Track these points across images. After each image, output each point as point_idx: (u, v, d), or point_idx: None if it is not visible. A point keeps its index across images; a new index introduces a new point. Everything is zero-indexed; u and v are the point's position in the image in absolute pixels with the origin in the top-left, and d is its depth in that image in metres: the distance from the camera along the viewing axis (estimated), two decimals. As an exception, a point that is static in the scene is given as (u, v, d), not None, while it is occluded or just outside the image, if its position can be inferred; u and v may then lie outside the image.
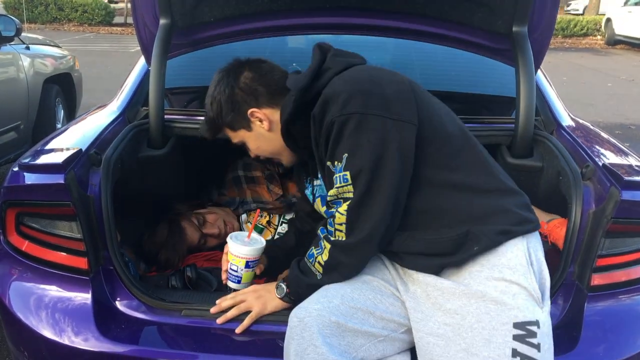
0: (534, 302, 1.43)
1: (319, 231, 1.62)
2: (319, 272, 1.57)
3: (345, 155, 1.44)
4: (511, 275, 1.43)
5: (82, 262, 1.75)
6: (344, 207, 1.48)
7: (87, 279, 1.74)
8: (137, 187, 1.96)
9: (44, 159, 1.88)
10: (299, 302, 1.56)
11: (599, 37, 17.80)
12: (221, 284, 1.88)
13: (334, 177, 1.49)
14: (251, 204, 2.47)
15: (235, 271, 1.75)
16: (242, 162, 2.61)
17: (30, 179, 1.79)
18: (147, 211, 2.32)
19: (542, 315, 1.44)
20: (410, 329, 1.54)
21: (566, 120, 2.34)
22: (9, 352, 1.88)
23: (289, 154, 1.75)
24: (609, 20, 16.75)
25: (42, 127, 4.51)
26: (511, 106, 2.30)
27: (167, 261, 2.16)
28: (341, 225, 1.49)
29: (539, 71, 2.47)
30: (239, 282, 1.76)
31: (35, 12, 18.10)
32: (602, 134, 2.36)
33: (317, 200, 1.78)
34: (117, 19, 18.89)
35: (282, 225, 2.45)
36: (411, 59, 2.94)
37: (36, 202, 1.77)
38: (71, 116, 5.20)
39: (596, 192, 1.77)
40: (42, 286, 1.77)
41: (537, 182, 2.16)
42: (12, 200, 1.80)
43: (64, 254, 1.77)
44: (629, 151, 2.13)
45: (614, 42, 16.37)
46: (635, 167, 1.90)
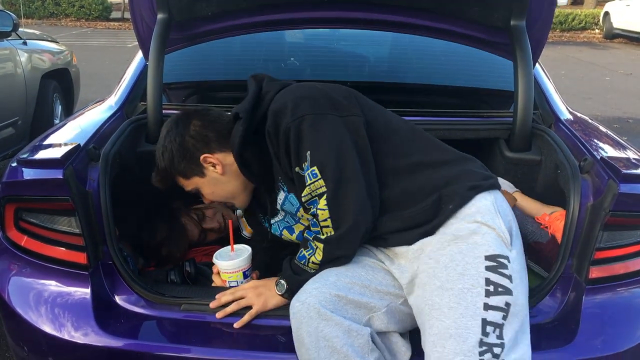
0: (502, 242, 1.52)
1: (305, 234, 1.65)
2: (313, 270, 1.60)
3: (308, 152, 1.53)
4: (480, 217, 1.53)
5: (81, 257, 1.75)
6: (322, 203, 1.54)
7: (86, 273, 1.74)
8: (135, 182, 1.96)
9: (42, 154, 1.88)
10: None
11: (597, 30, 17.78)
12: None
13: (304, 176, 1.56)
14: None
15: (236, 286, 1.75)
16: None
17: (28, 174, 1.79)
18: (146, 206, 2.32)
19: (511, 254, 1.52)
20: (407, 300, 1.60)
21: (564, 114, 2.34)
22: (9, 347, 1.89)
23: (243, 196, 1.81)
24: (607, 14, 16.73)
25: (40, 123, 4.50)
26: (510, 100, 2.30)
27: (169, 256, 2.16)
28: (326, 220, 1.55)
29: (537, 65, 2.47)
30: None
31: (32, 7, 18.04)
32: (601, 128, 2.36)
33: (284, 232, 1.85)
34: (115, 14, 18.81)
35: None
36: (409, 53, 2.94)
37: (35, 198, 1.77)
38: (69, 111, 5.19)
39: (594, 185, 1.77)
40: (41, 281, 1.77)
41: (535, 176, 2.17)
42: (10, 195, 1.80)
43: (63, 249, 1.77)
44: (627, 145, 2.13)
45: (612, 35, 16.35)
46: (633, 161, 1.90)
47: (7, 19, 4.13)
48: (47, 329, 1.67)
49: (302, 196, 1.59)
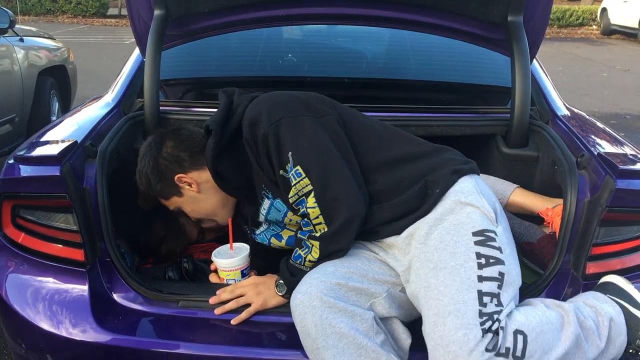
0: (487, 219, 1.56)
1: (299, 234, 1.65)
2: (310, 268, 1.61)
3: (289, 153, 1.56)
4: (464, 198, 1.57)
5: (78, 254, 1.75)
6: (311, 201, 1.55)
7: (84, 270, 1.74)
8: (132, 178, 1.96)
9: (39, 151, 1.87)
10: None
11: (594, 27, 17.79)
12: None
13: (288, 178, 1.58)
14: None
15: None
16: None
17: (25, 171, 1.78)
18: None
19: (497, 229, 1.56)
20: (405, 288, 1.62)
21: (562, 110, 2.35)
22: (7, 344, 1.89)
23: (224, 212, 1.86)
24: (604, 10, 16.73)
25: (37, 120, 4.50)
26: (507, 96, 2.30)
27: (169, 254, 2.16)
28: (318, 217, 1.56)
29: (535, 61, 2.48)
30: None
31: (28, 3, 17.99)
32: (598, 124, 2.37)
33: (272, 240, 1.88)
34: (112, 11, 18.78)
35: None
36: (406, 49, 2.94)
37: (32, 195, 1.77)
38: (66, 108, 5.18)
39: (591, 181, 1.78)
40: (38, 278, 1.76)
41: (532, 172, 2.17)
42: (7, 192, 1.79)
43: (61, 246, 1.76)
44: (624, 140, 2.13)
45: (610, 32, 16.36)
46: (630, 156, 1.90)
47: (4, 15, 4.12)
48: (45, 326, 1.67)
49: (289, 197, 1.60)
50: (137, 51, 2.53)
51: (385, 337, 1.54)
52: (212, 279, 1.83)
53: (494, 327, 1.40)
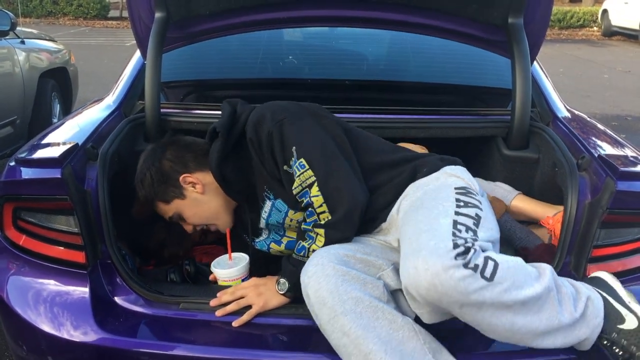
0: (470, 187, 1.66)
1: (303, 226, 1.68)
2: None
3: (294, 147, 1.64)
4: (450, 171, 1.72)
5: (79, 256, 1.75)
6: (314, 191, 1.62)
7: (85, 272, 1.74)
8: (133, 181, 1.96)
9: (40, 154, 1.88)
10: (299, 296, 1.59)
11: (595, 28, 17.78)
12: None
13: (292, 172, 1.65)
14: None
15: None
16: None
17: (27, 173, 1.79)
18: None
19: (479, 197, 1.63)
20: None
21: (562, 111, 2.35)
22: (8, 346, 1.89)
23: (225, 216, 1.88)
24: (605, 11, 16.73)
25: (38, 122, 4.50)
26: (507, 98, 2.31)
27: (171, 257, 2.16)
28: (322, 206, 1.62)
29: (535, 63, 2.48)
30: None
31: (30, 6, 18.01)
32: (598, 126, 2.37)
33: (272, 245, 1.91)
34: (113, 13, 18.79)
35: None
36: (407, 51, 2.94)
37: (33, 197, 1.77)
38: (67, 110, 5.19)
39: (592, 183, 1.78)
40: (39, 280, 1.77)
41: (533, 174, 2.18)
42: (9, 194, 1.79)
43: (62, 248, 1.77)
44: (624, 142, 2.13)
45: (611, 33, 16.35)
46: (630, 158, 1.90)
47: (5, 17, 4.13)
48: (46, 328, 1.67)
49: (293, 189, 1.65)
50: (138, 53, 2.53)
51: (395, 305, 1.55)
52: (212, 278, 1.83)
53: (465, 246, 1.38)
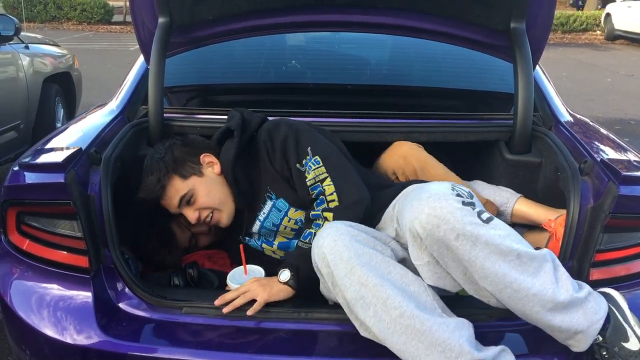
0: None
1: (312, 214, 1.79)
2: None
3: (309, 148, 1.82)
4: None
5: (83, 261, 1.75)
6: (327, 182, 1.78)
7: (88, 277, 1.75)
8: (136, 185, 1.97)
9: (44, 158, 1.88)
10: (302, 287, 1.67)
11: (598, 32, 17.77)
12: (222, 283, 1.89)
13: (307, 168, 1.80)
14: None
15: None
16: None
17: (30, 178, 1.80)
18: (147, 210, 2.32)
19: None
20: None
21: (564, 116, 2.35)
22: (11, 350, 1.89)
23: (231, 204, 1.96)
24: (608, 15, 16.72)
25: (42, 127, 4.51)
26: (510, 102, 2.31)
27: (166, 264, 2.15)
28: (332, 194, 1.76)
29: (537, 67, 2.48)
30: None
31: (34, 11, 18.07)
32: (601, 130, 2.37)
33: (264, 245, 1.99)
34: (116, 18, 18.84)
35: None
36: (409, 56, 2.94)
37: (37, 201, 1.78)
38: (71, 115, 5.20)
39: (594, 188, 1.78)
40: (43, 285, 1.77)
41: (535, 178, 2.17)
42: (12, 199, 1.80)
43: (65, 253, 1.77)
44: (627, 147, 2.13)
45: (614, 37, 16.33)
46: (633, 163, 1.90)
47: (9, 23, 4.14)
48: (49, 332, 1.67)
49: (307, 181, 1.80)
50: (141, 58, 2.54)
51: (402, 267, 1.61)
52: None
53: (464, 195, 1.52)
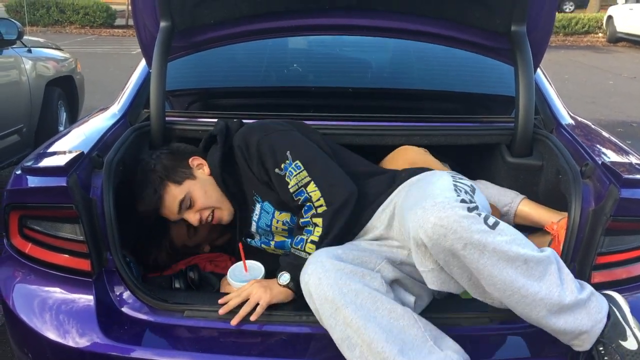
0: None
1: (300, 221, 1.76)
2: (309, 252, 1.69)
3: (288, 152, 1.78)
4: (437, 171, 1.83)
5: (85, 264, 1.76)
6: (311, 187, 1.74)
7: (90, 280, 1.75)
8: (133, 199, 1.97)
9: (46, 162, 1.89)
10: (301, 292, 1.63)
11: (600, 34, 17.76)
12: (223, 285, 1.90)
13: (287, 173, 1.77)
14: None
15: None
16: None
17: (33, 181, 1.80)
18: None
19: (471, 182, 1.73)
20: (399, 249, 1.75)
21: (566, 118, 2.35)
22: (13, 353, 1.90)
23: (229, 203, 1.96)
24: (610, 17, 16.71)
25: (45, 130, 4.53)
26: (511, 105, 2.31)
27: (156, 261, 2.14)
28: (319, 200, 1.73)
29: (539, 70, 2.48)
30: None
31: (36, 15, 18.11)
32: (603, 133, 2.37)
33: (263, 246, 1.99)
34: (119, 21, 18.88)
35: None
36: (410, 59, 2.95)
37: (39, 205, 1.78)
38: (73, 119, 5.21)
39: (596, 190, 1.78)
40: (45, 288, 1.78)
41: (536, 181, 2.17)
42: (15, 203, 1.81)
43: (67, 256, 1.78)
44: (629, 149, 2.13)
45: (616, 39, 16.32)
46: (635, 165, 1.90)
47: (12, 27, 4.16)
48: (51, 335, 1.68)
49: (289, 188, 1.76)
50: (143, 62, 2.55)
51: (395, 295, 1.60)
52: (224, 289, 1.86)
53: (468, 199, 1.51)
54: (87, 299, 1.73)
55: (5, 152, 4.06)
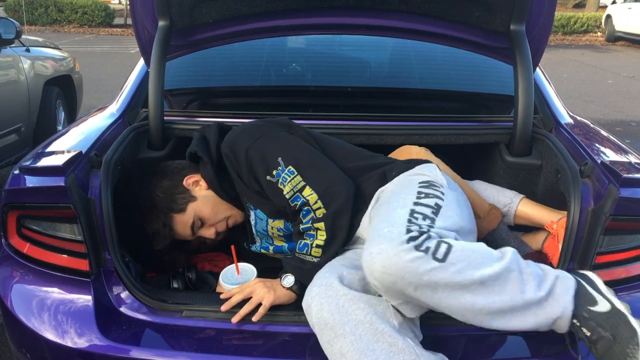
0: (437, 182, 1.73)
1: (301, 227, 1.74)
2: (316, 256, 1.68)
3: (279, 158, 1.74)
4: (418, 170, 1.81)
5: (83, 264, 1.76)
6: (307, 192, 1.71)
7: (89, 280, 1.75)
8: (137, 188, 1.97)
9: (44, 162, 1.89)
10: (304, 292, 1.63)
11: (599, 33, 17.77)
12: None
13: (280, 179, 1.73)
14: None
15: None
16: None
17: (31, 181, 1.80)
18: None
19: (444, 189, 1.70)
20: None
21: (565, 118, 2.35)
22: (11, 354, 1.89)
23: (236, 208, 1.94)
24: (609, 17, 16.72)
25: (43, 130, 4.53)
26: (510, 104, 2.31)
27: (173, 261, 2.15)
28: (317, 202, 1.70)
29: (538, 69, 2.48)
30: None
31: (35, 14, 18.10)
32: (602, 132, 2.37)
33: (262, 251, 1.99)
34: (117, 20, 18.88)
35: None
36: (409, 58, 2.94)
37: (37, 205, 1.78)
38: (72, 118, 5.21)
39: (595, 190, 1.77)
40: (43, 288, 1.77)
41: (536, 180, 2.17)
42: (13, 202, 1.80)
43: (65, 256, 1.77)
44: (628, 148, 2.13)
45: (615, 38, 16.34)
46: (634, 165, 1.90)
47: (10, 26, 4.15)
48: (50, 336, 1.67)
49: (285, 194, 1.72)
50: (141, 61, 2.54)
51: (402, 319, 1.53)
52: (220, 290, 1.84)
53: (420, 231, 1.44)
54: (85, 299, 1.72)
55: (3, 151, 4.06)
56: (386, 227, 1.47)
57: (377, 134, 2.23)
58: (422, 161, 1.90)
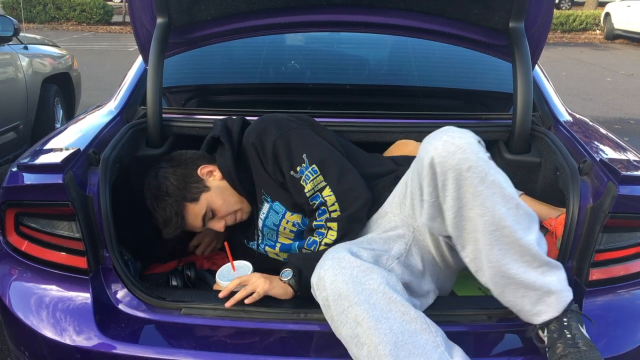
0: None
1: (314, 223, 1.76)
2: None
3: (304, 155, 1.76)
4: None
5: (81, 262, 1.75)
6: (327, 192, 1.75)
7: (87, 278, 1.75)
8: (135, 186, 1.97)
9: (42, 159, 1.88)
10: (302, 289, 1.66)
11: (598, 31, 17.77)
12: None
13: (303, 177, 1.76)
14: None
15: None
16: None
17: (29, 179, 1.79)
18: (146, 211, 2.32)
19: None
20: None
21: (564, 115, 2.35)
22: (10, 351, 1.89)
23: (246, 202, 1.94)
24: (607, 14, 16.72)
25: (41, 127, 4.52)
26: (509, 102, 2.31)
27: (173, 251, 2.15)
28: (334, 204, 1.75)
29: (537, 67, 2.48)
30: None
31: (33, 11, 18.06)
32: (601, 129, 2.37)
33: (267, 248, 1.97)
34: (116, 18, 18.84)
35: None
36: (408, 55, 2.94)
37: (35, 202, 1.78)
38: (70, 116, 5.20)
39: (594, 187, 1.77)
40: (41, 286, 1.77)
41: (535, 178, 2.17)
42: (11, 200, 1.80)
43: (64, 254, 1.77)
44: (627, 146, 2.13)
45: (613, 36, 16.33)
46: (633, 162, 1.90)
47: (8, 23, 4.15)
48: (48, 333, 1.67)
49: (306, 192, 1.76)
50: (140, 59, 2.54)
51: (408, 296, 1.57)
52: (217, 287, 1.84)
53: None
54: (83, 297, 1.72)
55: (1, 149, 4.06)
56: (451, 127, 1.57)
57: (376, 132, 2.23)
58: None
